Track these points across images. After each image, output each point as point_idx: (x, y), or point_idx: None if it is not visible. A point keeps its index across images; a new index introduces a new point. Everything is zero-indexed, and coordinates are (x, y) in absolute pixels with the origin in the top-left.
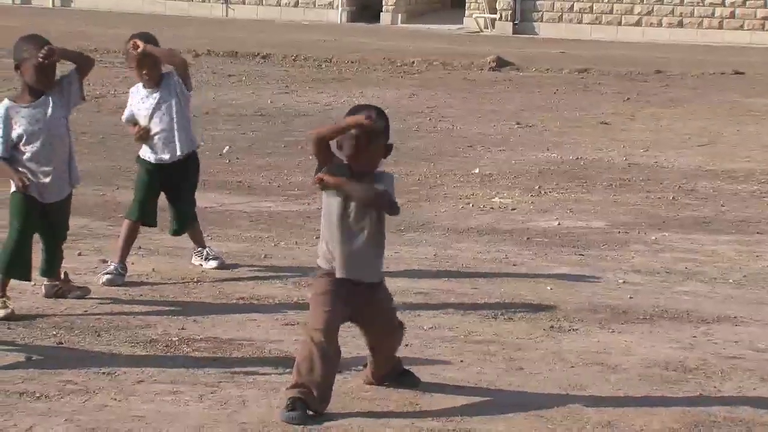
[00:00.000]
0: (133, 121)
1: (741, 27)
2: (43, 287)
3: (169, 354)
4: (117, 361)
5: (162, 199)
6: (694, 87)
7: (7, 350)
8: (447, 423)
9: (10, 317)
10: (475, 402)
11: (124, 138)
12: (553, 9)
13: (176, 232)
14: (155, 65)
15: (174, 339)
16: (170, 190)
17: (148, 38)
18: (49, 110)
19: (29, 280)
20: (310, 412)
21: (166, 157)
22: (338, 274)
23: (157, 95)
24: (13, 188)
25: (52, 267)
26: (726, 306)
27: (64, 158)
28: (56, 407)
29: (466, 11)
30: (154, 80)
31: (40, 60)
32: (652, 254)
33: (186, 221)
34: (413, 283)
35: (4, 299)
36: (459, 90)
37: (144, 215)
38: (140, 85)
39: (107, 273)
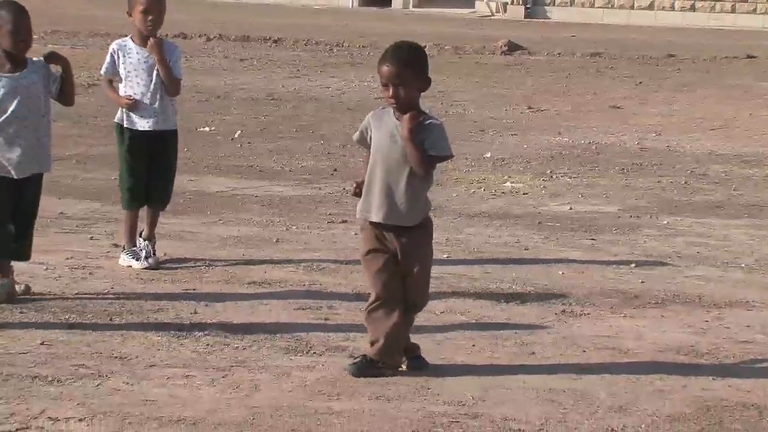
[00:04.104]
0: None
1: (754, 11)
2: None
3: (181, 338)
4: (129, 345)
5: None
6: (707, 71)
7: (19, 334)
8: (458, 407)
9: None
10: (486, 386)
11: None
12: None
13: None
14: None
15: (186, 323)
16: None
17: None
18: (29, 83)
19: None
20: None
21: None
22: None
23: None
24: None
25: (21, 249)
26: (738, 290)
27: (36, 136)
28: (68, 391)
29: None
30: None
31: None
32: (664, 239)
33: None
34: None
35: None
36: (470, 74)
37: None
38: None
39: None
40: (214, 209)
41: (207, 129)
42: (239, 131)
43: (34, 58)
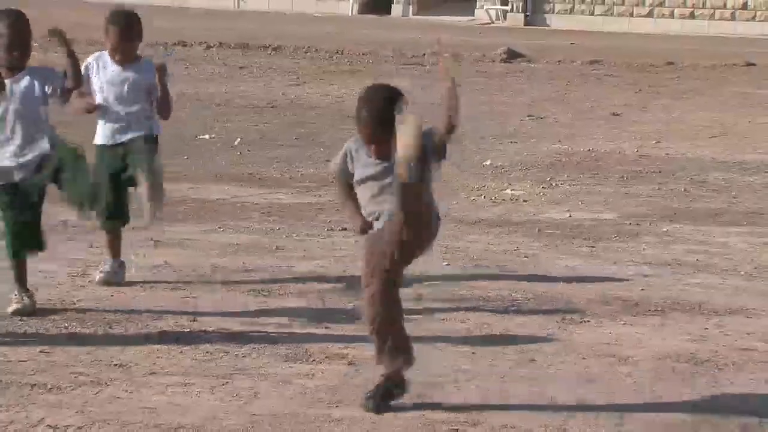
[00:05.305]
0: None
1: (753, 18)
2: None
3: (180, 346)
4: (129, 353)
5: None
6: (706, 78)
7: (19, 342)
8: (458, 415)
9: (22, 311)
10: (486, 394)
11: None
12: (565, 0)
13: None
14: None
15: (186, 331)
16: None
17: (129, 15)
18: (21, 88)
19: (41, 249)
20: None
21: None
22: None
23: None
24: None
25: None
26: (737, 298)
27: (32, 140)
28: (68, 399)
29: (477, 3)
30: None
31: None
32: (663, 246)
33: None
34: (424, 275)
35: (21, 295)
36: (470, 82)
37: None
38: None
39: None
40: (214, 217)
41: (207, 136)
42: (239, 139)
43: (35, 66)
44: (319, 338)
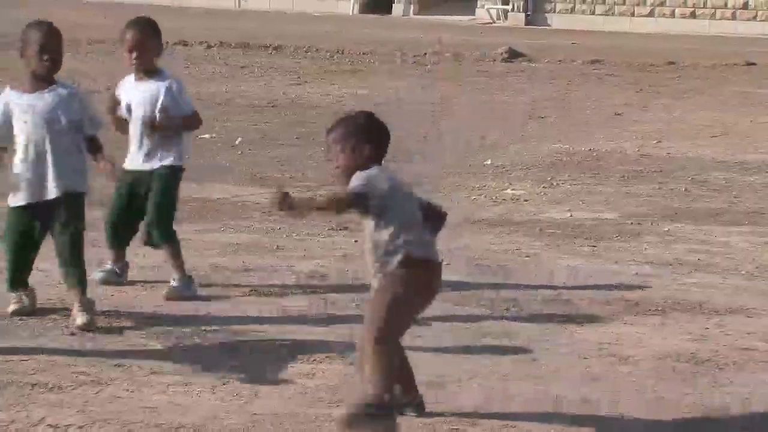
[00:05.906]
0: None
1: (754, 18)
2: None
3: (181, 345)
4: (129, 352)
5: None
6: (707, 78)
7: (20, 342)
8: (459, 415)
9: (22, 311)
10: (488, 394)
11: None
12: (566, 0)
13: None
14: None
15: (186, 330)
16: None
17: (149, 23)
18: (44, 104)
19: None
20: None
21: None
22: None
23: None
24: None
25: (76, 279)
26: (738, 297)
27: (57, 157)
28: (68, 398)
29: (478, 2)
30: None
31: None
32: (664, 246)
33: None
34: None
35: (20, 294)
36: (471, 81)
37: None
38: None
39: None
40: (214, 216)
41: (208, 136)
42: (240, 138)
43: (67, 82)
44: (319, 338)
